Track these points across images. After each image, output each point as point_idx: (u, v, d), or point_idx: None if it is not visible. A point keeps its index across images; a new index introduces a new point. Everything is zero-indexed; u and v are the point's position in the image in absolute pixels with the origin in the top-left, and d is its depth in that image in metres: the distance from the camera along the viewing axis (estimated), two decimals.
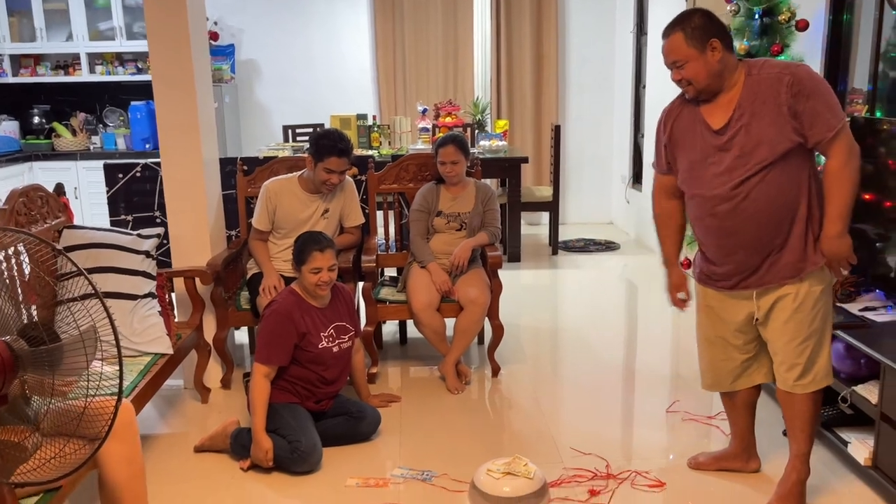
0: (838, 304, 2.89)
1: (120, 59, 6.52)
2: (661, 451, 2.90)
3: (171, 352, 2.97)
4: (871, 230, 3.03)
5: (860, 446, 2.57)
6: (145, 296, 3.03)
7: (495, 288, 3.51)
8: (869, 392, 2.55)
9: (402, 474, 2.74)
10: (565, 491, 2.60)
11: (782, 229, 2.29)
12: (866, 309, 2.82)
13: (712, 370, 2.61)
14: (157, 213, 3.70)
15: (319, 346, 2.85)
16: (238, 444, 2.83)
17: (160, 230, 3.23)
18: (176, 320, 3.30)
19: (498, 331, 3.55)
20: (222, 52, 6.65)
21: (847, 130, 2.19)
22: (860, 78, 3.54)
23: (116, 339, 1.53)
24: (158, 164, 3.68)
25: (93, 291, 1.57)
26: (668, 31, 2.26)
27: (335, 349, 2.91)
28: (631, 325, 4.50)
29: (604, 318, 4.56)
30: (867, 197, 3.06)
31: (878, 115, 3.32)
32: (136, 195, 3.72)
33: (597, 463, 2.78)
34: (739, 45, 3.35)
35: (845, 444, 2.66)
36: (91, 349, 1.52)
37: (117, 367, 1.58)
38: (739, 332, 2.49)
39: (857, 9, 3.53)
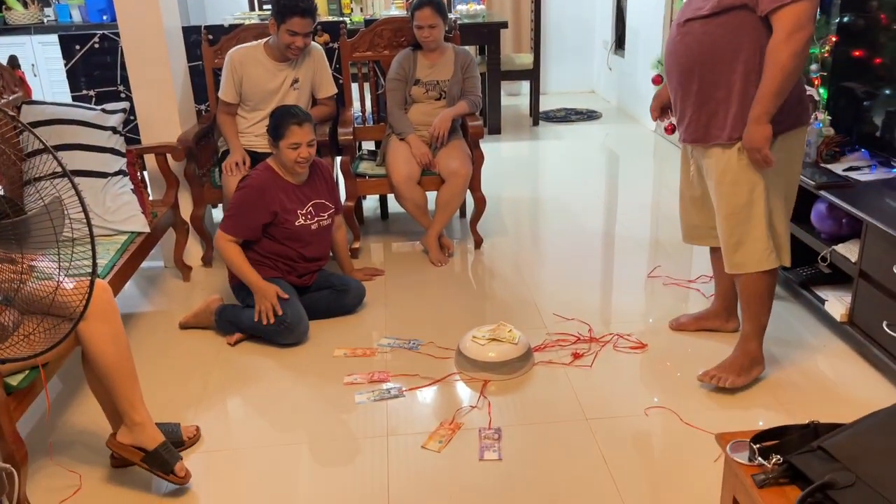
0: (822, 165, 2.87)
1: None
2: (643, 314, 2.95)
3: (147, 230, 2.91)
4: (858, 88, 2.96)
5: (836, 303, 2.63)
6: (116, 173, 2.93)
7: (477, 159, 3.43)
8: (849, 251, 2.58)
9: (389, 343, 2.77)
10: (549, 355, 2.65)
11: (704, 86, 2.18)
12: (851, 168, 2.80)
13: (682, 222, 2.62)
14: (121, 88, 3.52)
15: (296, 224, 2.80)
16: (223, 320, 2.83)
17: (125, 104, 3.08)
18: (150, 198, 3.21)
19: (480, 203, 3.51)
20: None
21: (799, 9, 1.97)
22: None
23: (87, 215, 1.45)
24: (118, 34, 3.46)
25: (60, 170, 1.49)
26: None
27: (314, 227, 2.86)
28: (612, 194, 4.48)
29: (585, 187, 4.53)
30: (856, 53, 2.98)
31: None
32: (97, 68, 3.52)
33: (580, 328, 2.83)
34: None
35: (822, 301, 2.72)
36: (59, 222, 1.45)
37: (90, 248, 1.52)
38: (695, 188, 2.47)
39: None
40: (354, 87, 3.82)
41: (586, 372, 2.55)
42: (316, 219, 2.86)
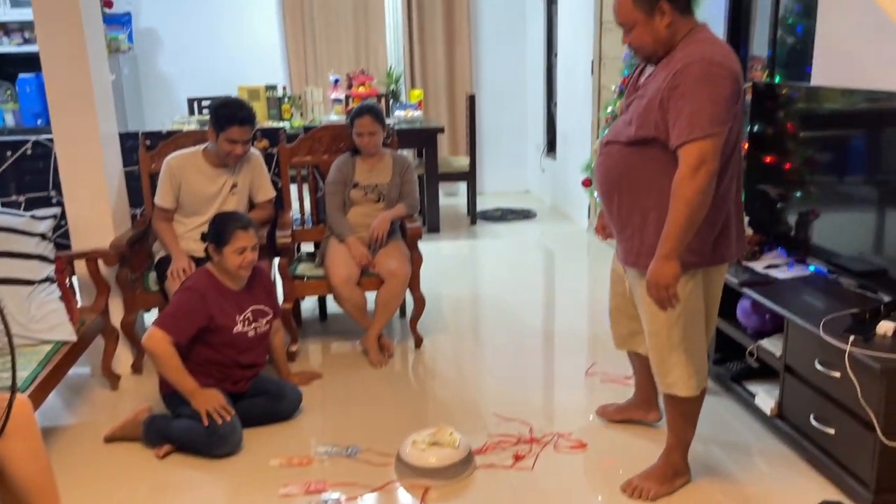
0: (744, 263, 3.01)
1: (4, 28, 6.07)
2: (582, 412, 2.96)
3: (74, 338, 2.81)
4: (772, 190, 3.15)
5: (766, 397, 2.70)
6: (43, 281, 2.85)
7: (415, 259, 3.48)
8: (773, 345, 2.68)
9: (327, 451, 2.70)
10: (491, 457, 2.62)
11: (622, 209, 2.21)
12: (770, 266, 2.94)
13: (613, 331, 2.66)
14: (53, 193, 3.46)
15: (234, 331, 2.75)
16: (152, 432, 2.71)
17: (56, 210, 3.04)
18: (79, 305, 3.12)
19: (419, 302, 3.53)
20: (118, 21, 6.27)
21: (703, 146, 1.96)
22: (760, 44, 3.66)
23: (6, 326, 1.41)
24: (51, 140, 3.45)
25: None
26: None
27: (251, 334, 2.81)
28: (549, 291, 4.57)
29: (523, 285, 4.61)
30: (768, 159, 3.19)
31: (776, 80, 3.45)
32: (28, 174, 3.46)
33: (520, 428, 2.81)
34: None
35: (752, 396, 2.79)
36: None
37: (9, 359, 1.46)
38: (626, 298, 2.48)
39: None
40: (293, 187, 3.86)
41: (528, 474, 2.53)
42: (254, 325, 2.81)
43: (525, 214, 6.29)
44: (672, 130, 2.03)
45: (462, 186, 7.01)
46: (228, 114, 3.19)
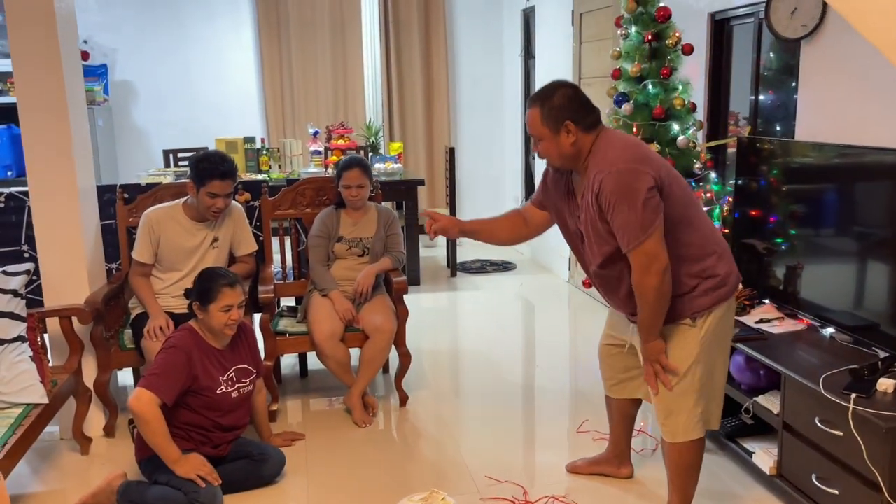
0: (735, 318, 2.98)
1: None
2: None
3: (45, 401, 2.67)
4: (759, 244, 3.16)
5: (764, 456, 2.65)
6: (14, 339, 2.72)
7: (401, 314, 3.40)
8: (770, 402, 2.64)
9: None
10: None
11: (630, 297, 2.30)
12: (761, 321, 2.93)
13: (604, 375, 2.67)
14: (26, 247, 3.35)
15: (218, 392, 2.64)
16: (126, 500, 2.56)
17: (30, 266, 2.93)
18: (50, 365, 2.98)
19: (405, 359, 3.44)
20: (94, 73, 6.22)
21: (647, 247, 2.11)
22: (741, 99, 3.72)
23: None
24: (24, 193, 3.35)
25: None
26: (530, 104, 2.25)
27: (234, 394, 2.70)
28: (532, 345, 4.51)
29: (506, 339, 4.55)
30: (753, 213, 3.21)
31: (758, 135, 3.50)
32: (0, 227, 3.36)
33: (513, 490, 2.72)
34: (632, 67, 3.44)
35: (750, 454, 2.73)
36: None
37: None
38: (625, 338, 2.52)
39: (736, 33, 3.72)
40: (275, 242, 3.79)
41: None
42: (237, 385, 2.70)
43: (505, 266, 6.26)
44: (619, 240, 2.16)
45: (440, 238, 6.99)
46: (210, 167, 3.12)
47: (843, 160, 2.73)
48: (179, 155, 6.07)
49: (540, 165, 6.25)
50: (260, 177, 5.17)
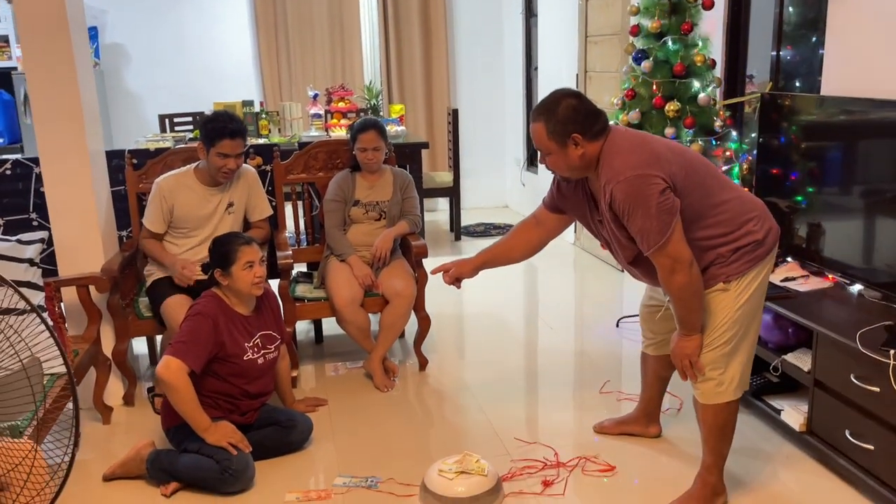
0: None
1: None
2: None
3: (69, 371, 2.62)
4: (781, 203, 3.14)
5: (794, 413, 2.66)
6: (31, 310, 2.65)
7: (421, 278, 3.37)
8: (800, 360, 2.64)
9: (345, 483, 2.56)
10: (518, 484, 2.52)
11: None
12: (787, 279, 2.92)
13: (643, 327, 2.67)
14: (34, 216, 3.27)
15: (245, 359, 2.60)
16: (157, 468, 2.54)
17: (44, 234, 2.85)
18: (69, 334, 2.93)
19: (424, 323, 3.41)
20: None
21: (668, 250, 2.07)
22: (760, 57, 3.67)
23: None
24: (30, 159, 3.25)
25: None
26: (533, 118, 2.17)
27: (260, 361, 2.66)
28: (544, 308, 4.49)
29: (517, 301, 4.54)
30: (774, 171, 3.18)
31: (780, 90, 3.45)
32: (6, 196, 3.26)
33: (544, 451, 2.72)
34: (652, 22, 3.37)
35: (778, 411, 2.74)
36: (37, 380, 1.24)
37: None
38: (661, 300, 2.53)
39: None
40: (287, 207, 3.72)
41: (559, 501, 2.43)
42: (263, 352, 2.66)
43: (508, 229, 6.22)
44: (640, 244, 2.14)
45: (441, 202, 6.94)
46: (219, 127, 3.05)
47: (873, 114, 2.69)
48: (176, 120, 5.94)
49: None
50: (260, 141, 5.08)
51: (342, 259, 3.35)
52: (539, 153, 2.23)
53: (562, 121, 2.11)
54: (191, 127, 5.89)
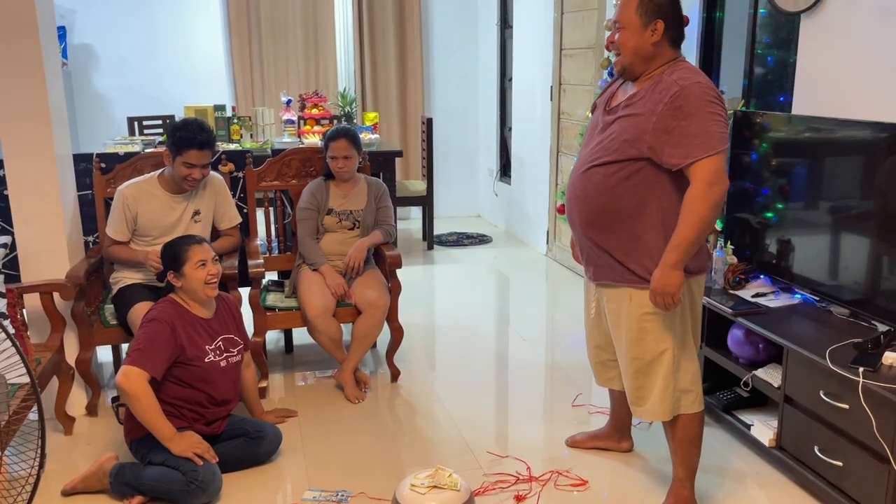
0: (731, 292, 3.01)
1: None
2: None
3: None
4: (752, 219, 3.18)
5: (763, 428, 2.68)
6: None
7: (394, 288, 3.34)
8: (770, 376, 2.66)
9: (315, 497, 2.52)
10: (491, 499, 2.50)
11: (607, 232, 2.22)
12: (758, 295, 2.95)
13: (593, 365, 2.65)
14: None
15: (206, 361, 2.56)
16: (120, 483, 2.47)
17: (7, 239, 2.77)
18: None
19: (397, 334, 3.39)
20: None
21: (716, 162, 2.04)
22: (732, 74, 3.72)
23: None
24: None
25: None
26: None
27: (223, 363, 2.62)
28: (516, 319, 4.49)
29: (489, 313, 4.53)
30: (746, 187, 3.22)
31: (752, 109, 3.50)
32: None
33: (516, 466, 2.70)
34: None
35: (748, 426, 2.76)
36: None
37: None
38: (595, 328, 2.51)
39: (728, 7, 3.70)
40: (259, 214, 3.67)
41: None
42: (225, 355, 2.62)
43: (481, 239, 6.23)
44: (677, 149, 2.07)
45: (414, 210, 6.91)
46: (187, 137, 2.99)
47: (843, 134, 2.73)
48: (145, 123, 5.85)
49: (515, 137, 6.19)
50: (232, 146, 5.01)
51: (314, 268, 3.31)
52: (615, 28, 2.17)
53: (658, 2, 2.11)
54: (160, 130, 5.80)
